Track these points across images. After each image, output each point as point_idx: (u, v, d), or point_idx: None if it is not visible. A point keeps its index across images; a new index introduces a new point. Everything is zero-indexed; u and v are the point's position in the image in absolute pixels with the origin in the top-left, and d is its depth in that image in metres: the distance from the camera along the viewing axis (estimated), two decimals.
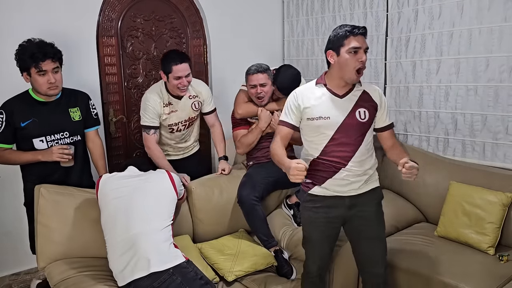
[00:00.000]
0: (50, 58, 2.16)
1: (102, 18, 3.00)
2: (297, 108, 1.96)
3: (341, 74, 1.90)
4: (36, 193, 2.14)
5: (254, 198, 2.46)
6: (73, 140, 2.33)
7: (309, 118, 1.93)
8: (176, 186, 2.16)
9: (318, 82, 1.99)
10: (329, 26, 3.53)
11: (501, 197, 2.35)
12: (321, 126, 1.92)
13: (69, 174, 2.34)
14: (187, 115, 2.73)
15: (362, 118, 1.93)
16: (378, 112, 1.98)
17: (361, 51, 1.85)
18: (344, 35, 1.85)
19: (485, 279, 2.12)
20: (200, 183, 2.62)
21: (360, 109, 1.93)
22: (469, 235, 2.40)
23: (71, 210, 2.16)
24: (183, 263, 1.91)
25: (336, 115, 1.91)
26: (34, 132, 2.23)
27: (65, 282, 1.98)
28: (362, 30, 1.87)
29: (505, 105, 2.58)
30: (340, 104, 1.93)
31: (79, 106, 2.37)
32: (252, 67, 2.63)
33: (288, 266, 2.36)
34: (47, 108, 2.25)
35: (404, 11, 2.98)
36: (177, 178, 2.24)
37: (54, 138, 2.27)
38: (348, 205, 1.98)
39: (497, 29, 2.53)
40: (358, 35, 1.85)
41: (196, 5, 3.40)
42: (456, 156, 2.83)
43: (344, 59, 1.86)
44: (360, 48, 1.84)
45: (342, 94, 1.94)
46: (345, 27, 1.87)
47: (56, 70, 2.20)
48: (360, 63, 1.85)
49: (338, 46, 1.87)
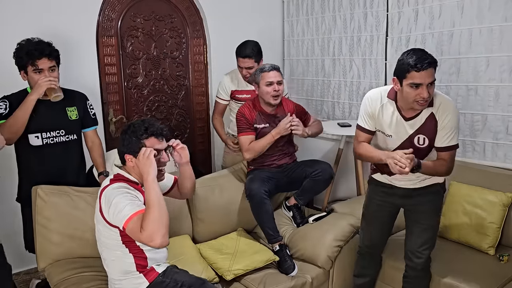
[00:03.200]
0: (46, 56, 2.16)
1: (102, 18, 2.99)
2: (370, 116, 2.02)
3: (404, 101, 1.89)
4: (34, 194, 2.14)
5: (263, 192, 2.46)
6: (69, 138, 2.34)
7: (378, 129, 2.03)
8: (101, 205, 1.73)
9: (389, 96, 1.97)
10: (329, 26, 3.53)
11: (501, 197, 2.35)
12: (384, 140, 2.02)
13: (65, 173, 2.34)
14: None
15: (421, 144, 1.94)
16: (437, 134, 1.92)
17: (423, 87, 1.78)
18: (407, 69, 1.79)
19: (486, 279, 2.11)
20: (201, 183, 2.62)
21: (420, 135, 1.93)
22: (470, 235, 2.39)
23: (69, 210, 2.16)
24: (156, 280, 1.78)
25: (397, 135, 1.96)
26: (30, 128, 2.23)
27: (65, 282, 1.98)
28: (426, 65, 1.75)
29: (506, 105, 2.57)
30: (403, 127, 1.94)
31: (76, 105, 2.37)
32: (266, 65, 2.59)
33: (291, 261, 2.36)
34: (44, 106, 2.25)
35: (405, 10, 2.98)
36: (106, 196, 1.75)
37: (50, 135, 2.28)
38: (401, 194, 2.09)
39: (497, 29, 2.53)
40: (421, 71, 1.76)
41: (196, 5, 3.40)
42: (457, 156, 2.81)
43: (406, 91, 1.83)
44: (421, 84, 1.78)
45: (409, 117, 1.93)
46: (411, 58, 1.78)
47: (52, 69, 2.20)
48: (420, 98, 1.79)
49: (401, 77, 1.83)
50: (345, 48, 3.44)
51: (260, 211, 2.48)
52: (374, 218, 2.23)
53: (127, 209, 1.64)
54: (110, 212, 1.68)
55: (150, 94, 3.33)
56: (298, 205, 2.70)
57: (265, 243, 2.55)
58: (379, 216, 2.21)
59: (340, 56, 3.50)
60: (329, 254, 2.34)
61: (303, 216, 2.72)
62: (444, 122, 1.88)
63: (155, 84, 3.33)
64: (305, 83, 3.83)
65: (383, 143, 2.04)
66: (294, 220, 2.71)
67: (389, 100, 1.96)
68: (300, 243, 2.46)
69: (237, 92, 2.98)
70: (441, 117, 1.88)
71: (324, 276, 2.39)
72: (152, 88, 3.33)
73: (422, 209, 2.07)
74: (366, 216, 2.27)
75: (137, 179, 1.82)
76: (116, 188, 1.73)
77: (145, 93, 3.30)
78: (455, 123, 1.89)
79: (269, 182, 2.55)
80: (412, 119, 1.92)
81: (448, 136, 1.89)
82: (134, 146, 1.76)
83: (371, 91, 2.05)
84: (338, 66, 3.53)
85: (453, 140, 1.91)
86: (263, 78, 2.55)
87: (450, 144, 1.91)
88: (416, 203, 2.08)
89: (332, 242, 2.37)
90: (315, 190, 2.68)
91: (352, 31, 3.37)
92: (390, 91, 1.97)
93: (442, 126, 1.89)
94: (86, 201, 2.21)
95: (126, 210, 1.64)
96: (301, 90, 3.88)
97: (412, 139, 1.94)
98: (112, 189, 1.73)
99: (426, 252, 2.09)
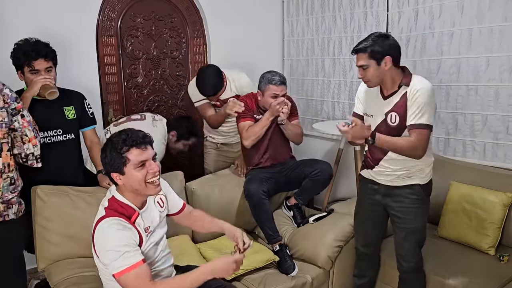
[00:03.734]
0: (42, 57, 2.15)
1: (102, 18, 2.99)
2: (359, 99, 2.13)
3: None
4: (33, 194, 2.14)
5: (262, 192, 2.46)
6: (66, 138, 2.33)
7: (364, 113, 2.10)
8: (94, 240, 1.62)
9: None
10: (329, 26, 3.53)
11: (501, 197, 2.35)
12: (368, 121, 2.07)
13: (63, 172, 2.33)
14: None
15: (393, 122, 1.96)
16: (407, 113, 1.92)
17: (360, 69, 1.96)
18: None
19: (486, 280, 2.11)
20: (201, 183, 2.62)
21: (392, 113, 1.95)
22: (470, 235, 2.39)
23: (68, 210, 2.16)
24: None
25: (376, 115, 2.02)
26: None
27: (65, 282, 1.97)
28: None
29: (506, 105, 2.57)
30: (381, 105, 2.00)
31: (74, 105, 2.36)
32: (275, 77, 2.54)
33: (291, 261, 2.36)
34: (42, 105, 2.25)
35: (405, 10, 2.98)
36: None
37: (47, 135, 2.27)
38: (382, 192, 2.10)
39: (497, 28, 2.53)
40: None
41: (196, 5, 3.40)
42: (457, 156, 2.83)
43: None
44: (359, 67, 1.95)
45: (386, 96, 1.99)
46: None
47: (49, 70, 2.19)
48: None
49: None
50: (345, 48, 3.44)
51: (259, 211, 2.48)
52: (366, 218, 2.24)
53: (119, 262, 1.50)
54: (101, 255, 1.57)
55: (150, 94, 3.32)
56: (299, 204, 2.70)
57: (265, 243, 2.55)
58: (371, 216, 2.21)
59: (340, 56, 3.50)
60: (329, 254, 2.34)
61: (303, 216, 2.72)
62: (413, 99, 1.89)
63: (155, 84, 3.33)
64: (305, 83, 3.82)
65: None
66: (294, 220, 2.71)
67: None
68: (300, 243, 2.46)
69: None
70: (411, 94, 1.90)
71: (324, 276, 2.38)
72: (152, 88, 3.33)
73: (404, 213, 2.05)
74: (359, 215, 2.29)
75: (131, 201, 1.64)
76: (110, 228, 1.56)
77: (145, 93, 3.30)
78: (424, 100, 1.87)
79: (268, 182, 2.55)
80: (388, 97, 1.98)
81: (417, 114, 1.88)
82: (117, 162, 1.57)
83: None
84: (338, 66, 3.53)
85: (422, 119, 1.87)
86: (269, 89, 2.54)
87: (417, 122, 1.88)
88: (398, 206, 2.06)
89: (332, 242, 2.36)
90: (314, 190, 2.69)
91: (352, 31, 3.37)
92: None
93: (411, 102, 1.89)
94: (85, 201, 2.21)
95: (118, 262, 1.50)
96: (301, 90, 3.87)
97: (386, 118, 1.98)
98: (107, 227, 1.56)
99: (414, 255, 2.09)
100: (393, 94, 1.96)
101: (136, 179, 1.58)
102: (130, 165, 1.56)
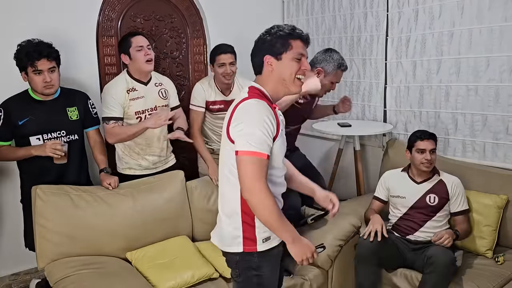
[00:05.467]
0: (45, 57, 2.16)
1: (102, 18, 2.99)
2: (385, 188, 2.55)
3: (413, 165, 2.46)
4: (33, 194, 2.15)
5: None
6: (70, 139, 2.34)
7: (391, 195, 2.51)
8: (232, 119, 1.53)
9: (403, 170, 2.53)
10: (329, 26, 3.53)
11: (496, 200, 2.36)
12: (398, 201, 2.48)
13: (66, 173, 2.34)
14: (154, 103, 2.57)
15: (432, 202, 2.37)
16: (450, 201, 2.38)
17: (426, 151, 2.36)
18: (414, 139, 2.41)
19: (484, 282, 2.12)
20: (200, 182, 2.62)
21: (431, 195, 2.37)
22: (466, 239, 2.39)
23: (68, 209, 2.16)
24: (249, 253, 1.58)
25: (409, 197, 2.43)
26: (31, 130, 2.24)
27: (65, 280, 1.98)
28: (427, 136, 2.39)
29: (506, 105, 2.57)
30: (415, 189, 2.42)
31: (77, 105, 2.37)
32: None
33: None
34: (45, 107, 2.26)
35: (405, 11, 2.98)
36: None
37: (51, 137, 2.28)
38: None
39: (497, 29, 2.53)
40: (424, 140, 2.36)
41: (196, 5, 3.40)
42: (456, 156, 2.82)
43: (414, 156, 2.41)
44: (425, 150, 2.36)
45: (420, 181, 2.43)
46: (417, 132, 2.45)
47: (52, 70, 2.20)
48: (425, 161, 2.35)
49: (410, 146, 2.44)
50: (345, 48, 3.44)
51: None
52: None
53: (252, 140, 1.43)
54: (237, 128, 1.47)
55: None
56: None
57: None
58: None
59: None
60: (329, 254, 2.34)
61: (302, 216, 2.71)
62: (454, 191, 2.37)
63: None
64: None
65: (400, 205, 2.46)
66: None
67: (403, 173, 2.51)
68: None
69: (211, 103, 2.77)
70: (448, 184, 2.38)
71: (323, 276, 2.38)
72: None
73: None
74: None
75: (270, 95, 1.58)
76: (258, 107, 1.48)
77: None
78: (463, 190, 2.39)
79: None
80: (422, 183, 2.42)
81: (459, 202, 2.37)
82: (279, 45, 1.54)
83: (388, 172, 2.60)
84: None
85: (467, 205, 2.39)
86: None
87: (465, 207, 2.38)
88: None
89: (332, 241, 2.36)
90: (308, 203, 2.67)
91: (352, 31, 3.37)
92: (404, 168, 2.52)
93: (454, 193, 2.37)
94: (85, 200, 2.21)
95: (251, 141, 1.43)
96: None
97: (424, 198, 2.38)
98: (255, 105, 1.48)
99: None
100: (426, 180, 2.42)
101: (290, 69, 1.55)
102: (289, 53, 1.55)
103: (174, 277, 2.09)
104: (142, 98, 2.52)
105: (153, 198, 2.39)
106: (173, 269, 2.14)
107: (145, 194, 2.38)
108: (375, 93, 3.29)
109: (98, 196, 2.27)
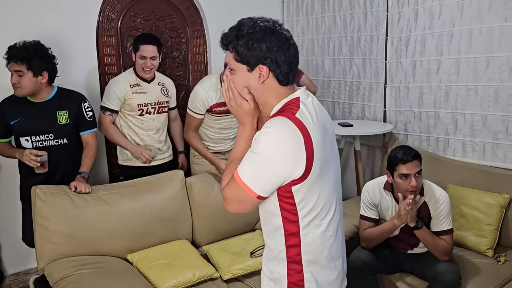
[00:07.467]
0: (14, 60, 2.17)
1: (102, 18, 3.00)
2: (373, 205, 2.23)
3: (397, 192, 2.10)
4: (33, 195, 2.15)
5: None
6: (58, 143, 2.32)
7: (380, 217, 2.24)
8: None
9: (386, 188, 2.19)
10: (329, 26, 3.53)
11: (498, 199, 2.35)
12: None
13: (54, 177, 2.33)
14: (156, 98, 2.69)
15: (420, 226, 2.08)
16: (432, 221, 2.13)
17: (411, 177, 2.02)
18: (395, 162, 2.06)
19: (484, 281, 2.11)
20: (200, 178, 2.61)
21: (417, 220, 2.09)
22: (468, 237, 2.39)
23: (68, 209, 2.16)
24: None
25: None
26: (20, 131, 2.27)
27: (64, 280, 1.98)
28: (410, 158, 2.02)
29: (505, 105, 2.57)
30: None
31: (69, 109, 2.33)
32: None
33: None
34: (36, 109, 2.26)
35: (404, 11, 2.98)
36: None
37: (39, 139, 2.28)
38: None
39: (497, 29, 2.53)
40: (407, 163, 2.02)
41: (196, 5, 3.40)
42: (456, 156, 2.83)
43: (397, 182, 2.07)
44: (409, 174, 2.02)
45: None
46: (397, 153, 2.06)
47: (20, 74, 2.17)
48: (411, 187, 2.02)
49: (391, 170, 2.09)
50: (345, 48, 3.45)
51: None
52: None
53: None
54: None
55: None
56: None
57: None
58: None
59: (340, 56, 3.50)
60: None
61: None
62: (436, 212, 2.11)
63: None
64: None
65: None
66: None
67: (386, 192, 2.20)
68: None
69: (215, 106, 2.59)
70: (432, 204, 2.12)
71: None
72: None
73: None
74: None
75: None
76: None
77: None
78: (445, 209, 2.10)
79: None
80: None
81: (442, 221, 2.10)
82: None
83: (369, 184, 2.28)
84: (338, 66, 3.53)
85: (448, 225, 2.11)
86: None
87: (447, 228, 2.11)
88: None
89: None
90: None
91: (352, 31, 3.38)
92: (386, 184, 2.20)
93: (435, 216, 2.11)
94: (85, 200, 2.21)
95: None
96: None
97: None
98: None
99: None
100: None
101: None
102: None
103: (175, 276, 2.09)
104: (145, 93, 2.66)
105: (153, 197, 2.39)
106: (174, 269, 2.14)
107: (145, 193, 2.38)
108: (375, 93, 3.29)
109: (98, 196, 2.27)
